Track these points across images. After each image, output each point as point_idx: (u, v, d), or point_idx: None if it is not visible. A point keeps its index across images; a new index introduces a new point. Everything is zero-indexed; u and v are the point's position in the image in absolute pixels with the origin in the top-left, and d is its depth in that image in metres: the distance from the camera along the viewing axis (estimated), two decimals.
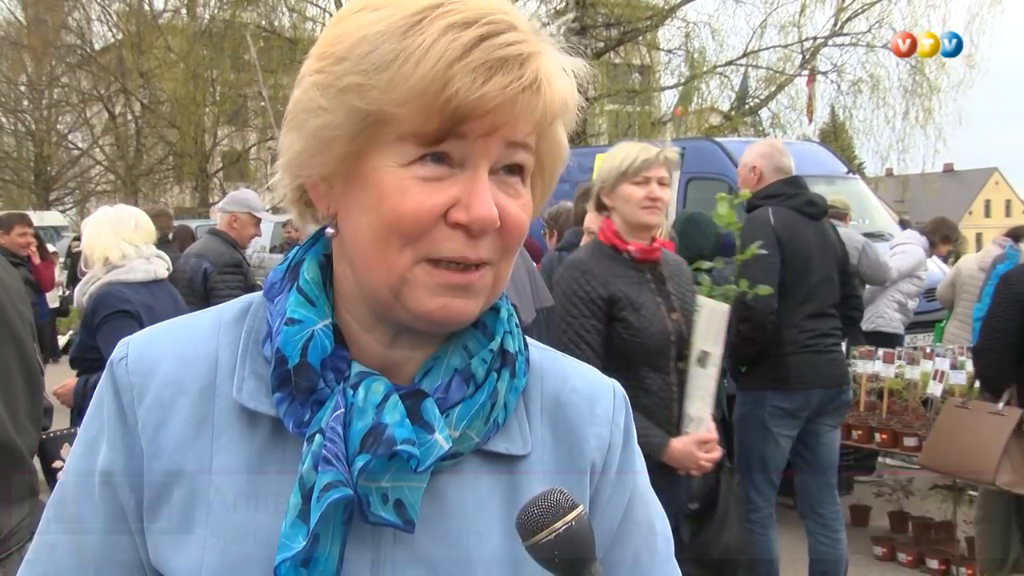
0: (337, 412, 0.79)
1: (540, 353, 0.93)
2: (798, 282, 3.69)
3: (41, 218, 16.43)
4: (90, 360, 3.40)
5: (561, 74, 0.78)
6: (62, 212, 24.02)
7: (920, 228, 6.83)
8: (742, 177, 4.04)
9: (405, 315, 0.79)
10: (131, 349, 0.86)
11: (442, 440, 0.79)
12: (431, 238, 0.76)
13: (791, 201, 3.79)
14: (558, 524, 0.73)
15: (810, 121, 17.61)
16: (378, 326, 0.83)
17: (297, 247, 0.89)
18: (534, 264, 3.48)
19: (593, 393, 0.92)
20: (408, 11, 0.74)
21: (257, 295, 0.89)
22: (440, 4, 0.74)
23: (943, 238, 6.82)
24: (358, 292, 0.82)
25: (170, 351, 0.85)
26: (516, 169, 0.79)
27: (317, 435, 0.79)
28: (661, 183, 2.75)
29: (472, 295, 0.79)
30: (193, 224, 8.66)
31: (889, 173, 21.24)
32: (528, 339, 0.92)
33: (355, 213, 0.79)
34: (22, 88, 25.47)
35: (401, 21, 0.74)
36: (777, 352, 3.69)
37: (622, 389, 0.95)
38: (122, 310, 3.38)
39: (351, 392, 0.80)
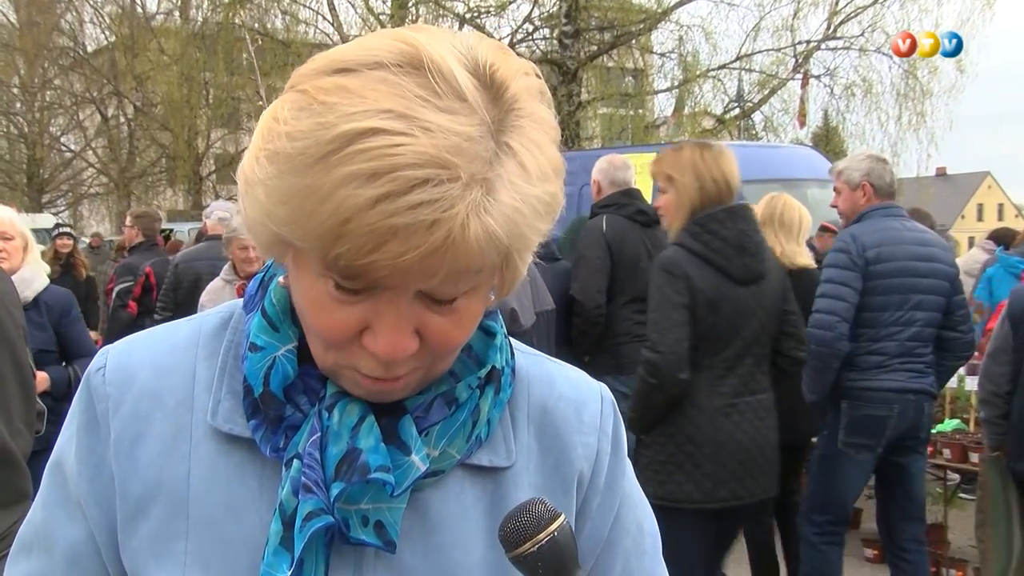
0: (314, 436, 0.77)
1: (526, 359, 0.91)
2: (627, 280, 4.21)
3: (33, 220, 16.38)
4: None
5: (494, 222, 0.67)
6: (55, 215, 23.92)
7: None
8: (592, 190, 4.61)
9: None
10: (109, 359, 0.85)
11: (419, 462, 0.78)
12: (348, 352, 0.74)
13: (623, 210, 4.29)
14: (541, 535, 0.73)
15: (801, 126, 17.64)
16: None
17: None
18: (535, 268, 3.54)
19: (580, 399, 0.90)
20: (329, 135, 0.65)
21: (239, 304, 0.88)
22: (365, 134, 0.65)
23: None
24: None
25: (148, 362, 0.84)
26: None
27: (295, 460, 0.78)
28: None
29: (398, 392, 0.78)
30: (186, 227, 8.59)
31: None
32: (515, 343, 0.91)
33: (294, 285, 0.77)
34: (14, 90, 25.36)
35: (315, 148, 0.66)
36: (612, 343, 4.22)
37: (610, 394, 0.93)
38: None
39: (326, 414, 0.78)
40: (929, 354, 3.55)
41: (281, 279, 0.82)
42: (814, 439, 3.97)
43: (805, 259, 3.96)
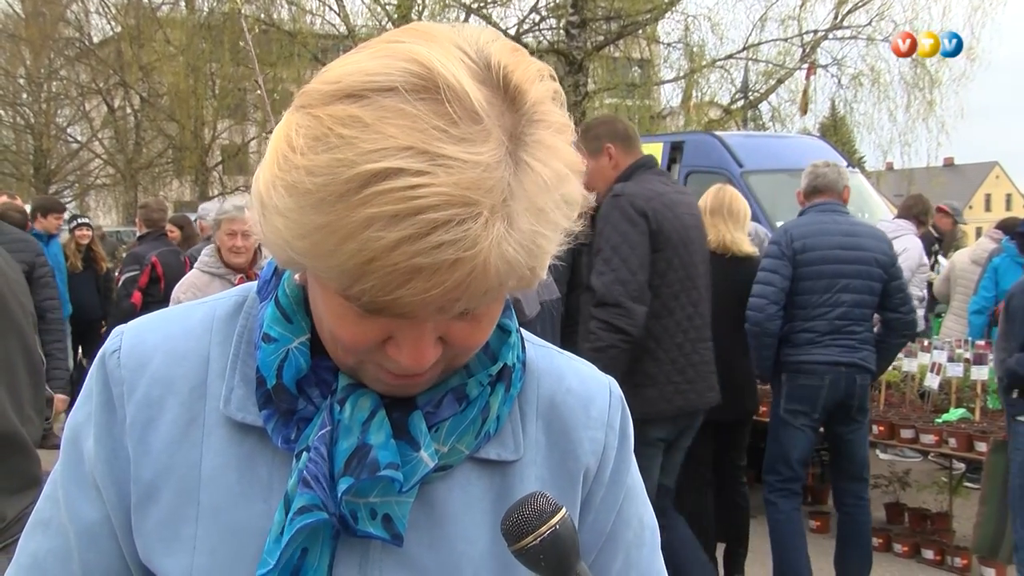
0: (323, 430, 0.78)
1: (537, 352, 0.91)
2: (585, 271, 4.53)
3: None
4: None
5: (514, 251, 0.67)
6: None
7: (905, 215, 6.72)
8: None
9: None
10: (124, 341, 0.85)
11: (427, 458, 0.79)
12: (372, 356, 0.75)
13: None
14: (543, 529, 0.74)
15: (803, 114, 17.51)
16: None
17: None
18: None
19: (588, 394, 0.91)
20: (348, 173, 0.65)
21: (252, 288, 0.88)
22: (385, 174, 0.64)
23: (922, 212, 6.73)
24: None
25: (162, 347, 0.84)
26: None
27: (304, 452, 0.78)
28: None
29: (420, 387, 0.79)
30: (192, 216, 8.54)
31: (890, 167, 21.21)
32: (526, 335, 0.91)
33: (313, 294, 0.78)
34: (20, 81, 25.39)
35: (335, 187, 0.65)
36: (571, 330, 4.47)
37: (618, 388, 0.94)
38: None
39: (338, 408, 0.79)
40: (863, 332, 4.01)
41: (297, 277, 0.82)
42: (755, 415, 4.58)
43: (749, 247, 4.34)
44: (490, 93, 0.68)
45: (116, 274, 7.10)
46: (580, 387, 0.91)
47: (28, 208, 7.48)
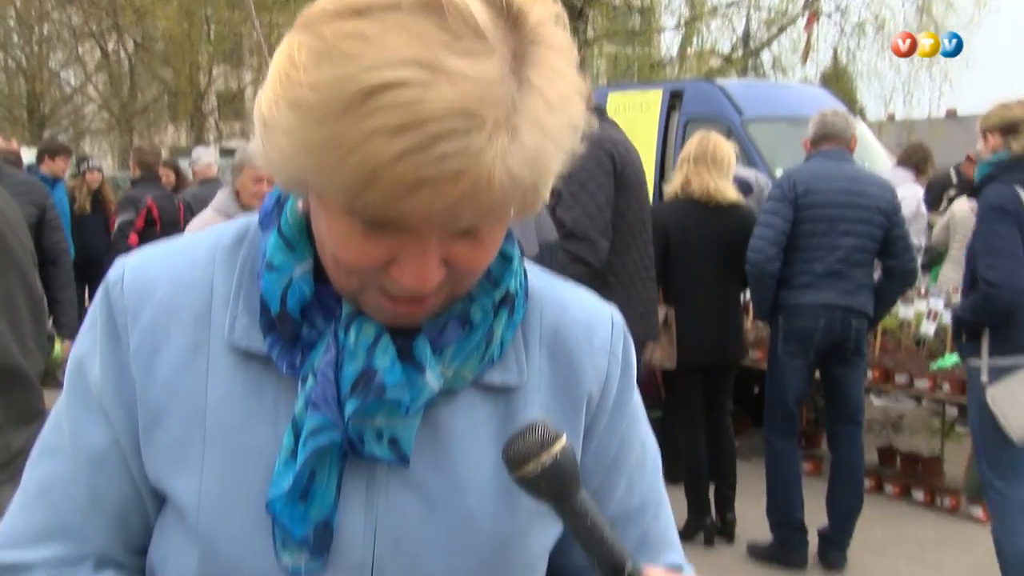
0: (329, 355, 0.79)
1: (540, 281, 0.92)
2: None
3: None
4: None
5: (518, 166, 0.67)
6: None
7: (904, 163, 6.68)
8: None
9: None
10: (127, 271, 0.86)
11: (432, 381, 0.79)
12: (375, 278, 0.75)
13: None
14: (544, 456, 0.74)
15: (804, 64, 17.32)
16: None
17: None
18: None
19: (591, 323, 0.91)
20: (352, 87, 0.65)
21: (255, 219, 0.88)
22: (388, 86, 0.64)
23: (921, 160, 6.69)
24: None
25: (166, 276, 0.85)
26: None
27: (310, 376, 0.79)
28: None
29: (423, 315, 0.79)
30: (185, 162, 8.45)
31: (891, 118, 21.05)
32: (529, 266, 0.92)
33: (315, 217, 0.78)
34: (11, 23, 24.98)
35: (339, 100, 0.65)
36: None
37: (620, 317, 0.95)
38: None
39: (343, 333, 0.79)
40: (862, 276, 4.06)
41: (300, 204, 0.82)
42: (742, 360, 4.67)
43: (734, 195, 4.32)
44: (494, 13, 0.67)
45: (111, 217, 7.06)
46: (583, 316, 0.92)
47: (31, 151, 7.40)
